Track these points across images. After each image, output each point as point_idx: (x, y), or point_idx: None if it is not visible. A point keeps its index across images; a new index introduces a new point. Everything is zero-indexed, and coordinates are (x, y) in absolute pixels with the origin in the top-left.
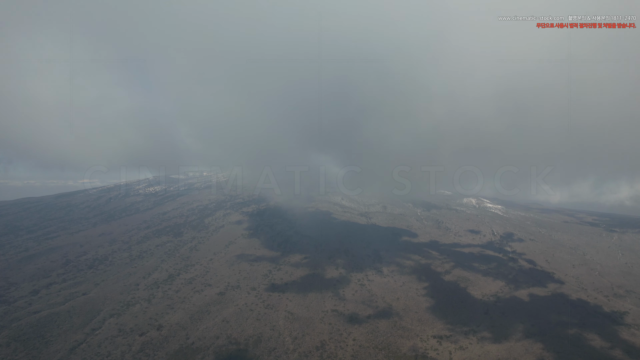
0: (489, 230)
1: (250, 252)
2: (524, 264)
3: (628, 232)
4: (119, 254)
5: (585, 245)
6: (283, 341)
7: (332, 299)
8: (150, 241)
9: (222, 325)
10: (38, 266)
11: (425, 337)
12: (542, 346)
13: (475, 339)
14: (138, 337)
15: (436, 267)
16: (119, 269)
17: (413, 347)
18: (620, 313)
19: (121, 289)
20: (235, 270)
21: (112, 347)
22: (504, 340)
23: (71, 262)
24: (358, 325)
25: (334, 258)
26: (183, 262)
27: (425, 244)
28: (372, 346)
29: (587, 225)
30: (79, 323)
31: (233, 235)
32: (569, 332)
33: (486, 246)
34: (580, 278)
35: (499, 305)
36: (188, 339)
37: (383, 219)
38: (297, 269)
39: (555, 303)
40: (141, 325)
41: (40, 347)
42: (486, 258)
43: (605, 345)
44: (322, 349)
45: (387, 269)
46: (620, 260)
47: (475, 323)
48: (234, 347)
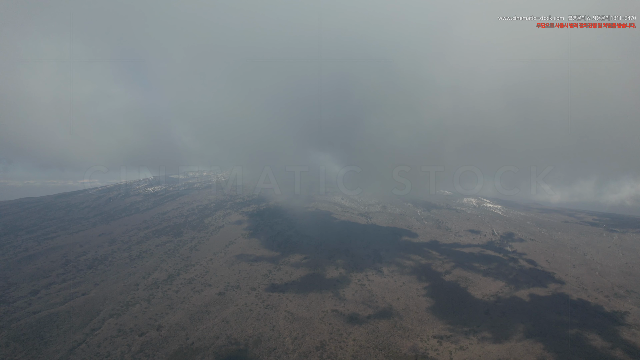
0: (489, 230)
1: (250, 252)
2: (525, 264)
3: (629, 232)
4: (119, 254)
5: (585, 245)
6: (283, 341)
7: (332, 299)
8: (150, 241)
9: (221, 326)
10: (37, 266)
11: (425, 337)
12: (542, 346)
13: (476, 339)
14: (138, 338)
15: (436, 267)
16: (118, 269)
17: (413, 347)
18: (621, 313)
19: (121, 289)
20: (235, 270)
21: (112, 347)
22: (505, 341)
23: (71, 262)
24: (358, 326)
25: (334, 258)
26: (183, 262)
27: (426, 244)
28: (372, 346)
29: (587, 225)
30: (79, 323)
31: (233, 235)
32: (569, 332)
33: (486, 246)
34: (580, 278)
35: (499, 306)
36: (188, 339)
37: (383, 219)
38: (297, 269)
39: (555, 303)
40: (141, 326)
41: (40, 348)
42: (486, 258)
43: (606, 346)
44: (322, 349)
45: (387, 269)
46: (620, 260)
47: (476, 323)
48: (233, 347)
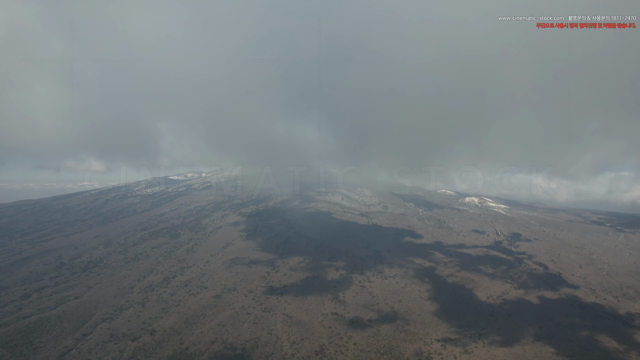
0: (492, 230)
1: (247, 253)
2: (530, 264)
3: (638, 232)
4: (114, 256)
5: (591, 244)
6: (281, 346)
7: (332, 301)
8: (146, 243)
9: (217, 330)
10: (31, 269)
11: (429, 340)
12: (554, 350)
13: (481, 342)
14: (130, 343)
15: (439, 268)
16: (113, 272)
17: (417, 351)
18: (632, 315)
19: (115, 292)
20: (232, 272)
21: (103, 353)
22: (512, 344)
23: (65, 265)
24: (359, 329)
25: (334, 259)
26: (179, 264)
27: (428, 245)
28: (373, 350)
29: (592, 224)
30: (70, 328)
31: (231, 236)
32: (580, 334)
33: (491, 247)
34: (587, 278)
35: (505, 308)
36: (182, 344)
37: (384, 219)
38: (296, 271)
39: (564, 304)
40: (134, 330)
41: (28, 354)
42: (491, 259)
43: (620, 348)
44: (321, 353)
45: (389, 271)
46: (628, 260)
47: (481, 326)
48: (230, 352)
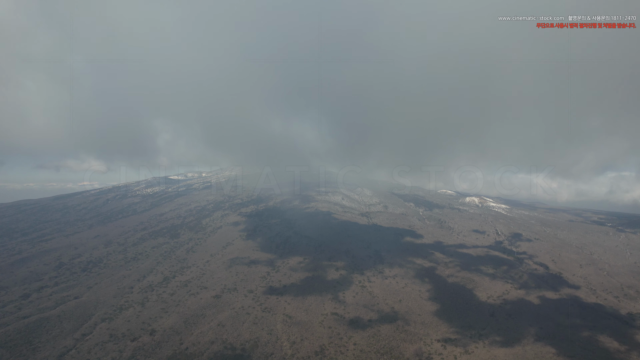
0: (493, 230)
1: (247, 253)
2: (530, 264)
3: (639, 232)
4: (114, 256)
5: (592, 244)
6: (281, 346)
7: (332, 301)
8: (146, 243)
9: (217, 330)
10: (30, 269)
11: (429, 340)
12: (554, 351)
13: (482, 342)
14: (130, 343)
15: (439, 268)
16: (113, 272)
17: (417, 352)
18: (633, 315)
19: (114, 292)
20: (232, 272)
21: (102, 353)
22: (513, 344)
23: (64, 265)
24: (359, 329)
25: (334, 259)
26: (179, 264)
27: (428, 245)
28: (373, 351)
29: (593, 224)
30: (69, 328)
31: (231, 236)
32: (581, 335)
33: (491, 247)
34: (588, 278)
35: (505, 308)
36: (182, 344)
37: (384, 219)
38: (296, 271)
39: (564, 305)
40: (133, 330)
41: (27, 354)
42: (491, 259)
43: (621, 349)
44: (321, 353)
45: (389, 271)
46: (629, 260)
47: (481, 326)
48: (229, 352)
